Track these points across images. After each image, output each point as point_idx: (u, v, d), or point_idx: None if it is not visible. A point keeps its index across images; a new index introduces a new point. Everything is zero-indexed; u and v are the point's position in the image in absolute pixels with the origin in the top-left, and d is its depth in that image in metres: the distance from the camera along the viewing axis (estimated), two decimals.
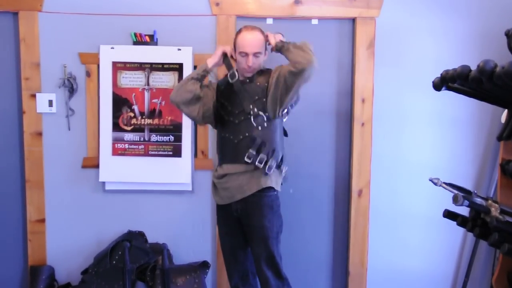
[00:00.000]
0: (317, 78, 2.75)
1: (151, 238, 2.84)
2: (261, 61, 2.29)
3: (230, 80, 2.29)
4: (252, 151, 2.20)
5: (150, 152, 2.79)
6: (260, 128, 2.25)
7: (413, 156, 2.87)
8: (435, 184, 1.86)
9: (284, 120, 2.35)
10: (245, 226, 2.30)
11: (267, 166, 2.20)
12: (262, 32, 2.27)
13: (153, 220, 2.87)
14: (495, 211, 1.78)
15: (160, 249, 2.74)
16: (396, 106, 2.84)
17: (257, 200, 2.25)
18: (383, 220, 2.90)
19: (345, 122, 2.90)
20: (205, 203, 2.88)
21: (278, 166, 2.29)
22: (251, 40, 2.22)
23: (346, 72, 2.87)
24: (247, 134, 2.24)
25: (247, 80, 2.29)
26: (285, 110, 2.28)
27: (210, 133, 2.83)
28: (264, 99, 2.23)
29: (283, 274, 2.29)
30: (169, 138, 2.78)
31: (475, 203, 1.76)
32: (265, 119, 2.25)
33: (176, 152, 2.78)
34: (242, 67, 2.27)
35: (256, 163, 2.19)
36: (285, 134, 2.42)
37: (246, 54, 2.22)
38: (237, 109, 2.27)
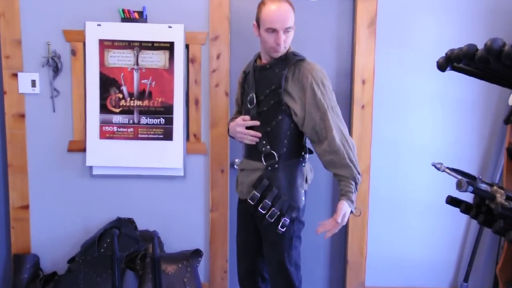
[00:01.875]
0: (315, 59, 2.70)
1: (141, 225, 2.84)
2: (292, 35, 2.06)
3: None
4: (256, 193, 2.07)
5: (139, 135, 2.77)
6: (270, 127, 2.10)
7: (415, 140, 2.86)
8: (438, 169, 1.85)
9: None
10: (258, 226, 2.21)
11: (269, 214, 2.05)
12: (291, 4, 2.03)
13: (143, 207, 2.87)
14: (500, 197, 1.77)
15: (151, 237, 2.74)
16: (398, 87, 2.82)
17: None
18: (383, 206, 2.91)
19: (345, 104, 2.88)
20: (198, 188, 2.87)
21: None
22: (281, 14, 1.97)
23: (346, 52, 2.85)
24: (260, 131, 2.10)
25: (267, 66, 2.10)
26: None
27: (203, 115, 2.82)
28: (280, 90, 2.03)
29: (295, 284, 2.17)
30: (160, 121, 2.77)
31: (480, 189, 1.75)
32: (279, 115, 2.07)
33: (167, 136, 2.77)
34: (269, 46, 2.04)
35: (259, 209, 2.06)
36: (310, 151, 2.24)
37: (275, 31, 2.00)
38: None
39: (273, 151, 2.09)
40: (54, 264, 2.86)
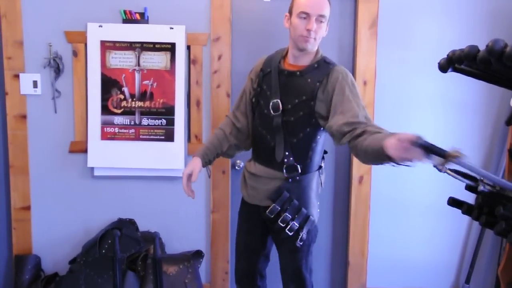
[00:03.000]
0: None
1: (142, 226, 2.84)
2: (324, 31, 1.96)
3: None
4: (277, 206, 2.00)
5: (141, 136, 2.77)
6: (296, 139, 2.00)
7: None
8: (440, 170, 1.76)
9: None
10: (272, 232, 2.15)
11: (289, 227, 1.99)
12: None
13: (144, 208, 2.87)
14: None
15: (152, 238, 2.74)
16: (400, 88, 2.81)
17: None
18: (385, 208, 2.90)
19: None
20: (199, 189, 2.84)
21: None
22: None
23: (347, 53, 2.84)
24: (284, 143, 2.01)
25: (297, 73, 1.99)
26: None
27: (204, 117, 2.81)
28: (312, 103, 1.94)
29: None
30: (161, 122, 2.77)
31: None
32: (307, 127, 1.98)
33: (169, 137, 2.77)
34: (299, 34, 1.92)
35: (278, 222, 2.00)
36: (325, 151, 2.19)
37: (308, 16, 1.88)
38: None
39: (296, 164, 2.02)
40: (55, 265, 2.86)
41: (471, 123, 2.84)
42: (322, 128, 2.01)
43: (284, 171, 2.01)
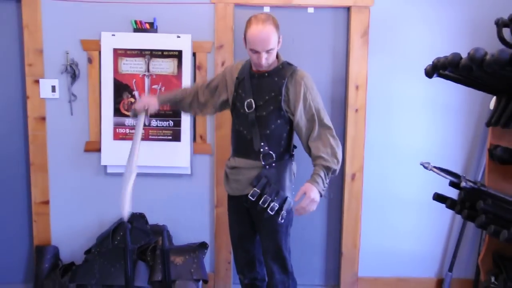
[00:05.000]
0: (312, 66, 2.79)
1: (152, 219, 2.83)
2: (275, 54, 2.11)
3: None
4: (257, 190, 2.09)
5: (150, 137, 2.78)
6: (269, 130, 2.13)
7: (405, 141, 2.85)
8: (426, 168, 1.85)
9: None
10: (254, 217, 2.23)
11: (270, 207, 2.07)
12: (275, 24, 2.03)
13: (153, 202, 2.86)
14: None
15: (160, 230, 2.74)
16: (389, 92, 2.82)
17: None
18: (375, 203, 2.90)
19: (339, 108, 2.88)
20: (204, 186, 2.87)
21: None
22: (262, 38, 1.98)
23: (341, 60, 2.85)
24: (259, 133, 2.13)
25: (266, 74, 2.13)
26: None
27: (208, 118, 2.82)
28: (280, 97, 2.08)
29: (289, 268, 2.24)
30: (169, 123, 2.78)
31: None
32: (277, 119, 2.12)
33: (176, 137, 2.78)
34: (253, 62, 2.11)
35: (259, 204, 2.08)
36: (294, 146, 2.29)
37: (257, 51, 2.03)
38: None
39: (271, 152, 2.13)
40: (72, 255, 2.87)
41: (455, 125, 2.84)
42: (289, 120, 2.13)
43: (262, 159, 2.11)
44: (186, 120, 2.76)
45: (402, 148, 2.86)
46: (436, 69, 1.83)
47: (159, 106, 2.33)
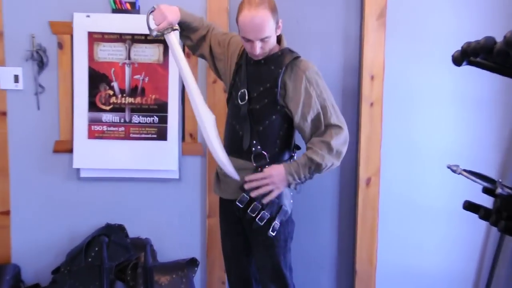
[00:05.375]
0: (319, 52, 2.83)
1: (132, 232, 2.82)
2: (273, 42, 2.09)
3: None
4: (245, 195, 2.11)
5: (131, 135, 2.77)
6: (262, 126, 2.14)
7: (429, 141, 2.85)
8: (454, 171, 1.85)
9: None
10: (247, 229, 2.25)
11: (259, 217, 2.10)
12: (271, 7, 2.01)
13: (134, 212, 2.86)
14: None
15: (143, 245, 2.72)
16: (410, 84, 2.81)
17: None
18: (395, 212, 2.90)
19: (352, 102, 2.89)
20: (194, 192, 2.86)
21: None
22: (255, 25, 1.97)
23: (354, 46, 2.85)
24: (250, 131, 2.15)
25: (262, 61, 2.13)
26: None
27: None
28: (276, 90, 2.09)
29: None
30: (153, 119, 2.77)
31: None
32: (272, 114, 2.13)
33: (161, 135, 2.77)
34: (248, 51, 2.11)
35: (248, 212, 2.10)
36: (297, 147, 2.32)
37: (250, 40, 2.03)
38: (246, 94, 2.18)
39: (264, 152, 2.13)
40: (36, 275, 2.84)
41: (488, 120, 2.83)
42: (287, 116, 2.13)
43: (253, 160, 2.13)
44: (173, 115, 2.75)
45: (425, 149, 2.85)
46: (466, 56, 1.81)
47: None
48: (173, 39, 2.24)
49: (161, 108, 2.74)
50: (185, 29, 2.32)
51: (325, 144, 2.06)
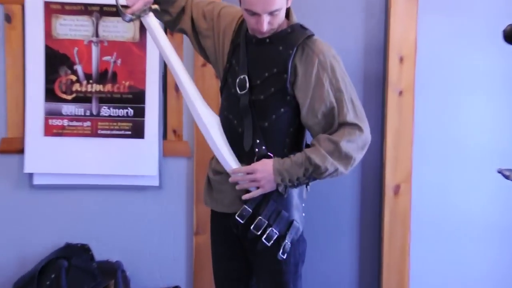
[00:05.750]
0: (335, 29, 2.78)
1: (99, 254, 2.74)
2: (282, 16, 2.00)
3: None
4: (248, 208, 2.01)
5: (99, 132, 2.71)
6: (268, 122, 2.04)
7: (473, 138, 2.82)
8: (507, 177, 1.82)
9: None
10: (247, 251, 2.15)
11: (266, 235, 1.99)
12: None
13: (102, 229, 2.78)
14: None
15: (112, 270, 2.63)
16: (448, 67, 2.78)
17: None
18: (430, 229, 2.84)
19: (376, 90, 2.86)
20: (178, 203, 2.79)
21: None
22: None
23: (377, 21, 2.82)
24: (253, 128, 2.05)
25: (267, 40, 2.03)
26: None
27: (185, 106, 2.72)
28: (285, 75, 2.00)
29: None
30: (127, 112, 2.71)
31: None
32: (281, 106, 2.04)
33: (137, 132, 2.71)
34: (251, 27, 2.01)
35: (251, 229, 1.99)
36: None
37: (257, 13, 1.93)
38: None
39: (270, 153, 2.04)
40: None
41: None
42: (298, 109, 2.07)
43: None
44: (152, 107, 2.70)
45: (469, 148, 2.83)
46: None
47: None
48: (153, 22, 2.14)
49: (137, 98, 2.70)
50: (162, 2, 2.23)
51: (332, 144, 1.96)
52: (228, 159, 2.04)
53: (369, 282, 2.92)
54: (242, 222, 2.00)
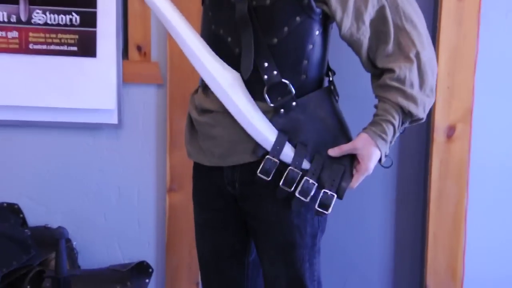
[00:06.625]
0: None
1: (35, 217, 2.44)
2: None
3: None
4: (275, 159, 1.82)
5: (31, 46, 2.33)
6: (278, 38, 1.75)
7: None
8: None
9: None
10: (249, 217, 1.89)
11: (299, 189, 1.73)
12: None
13: (38, 183, 2.45)
14: None
15: (53, 240, 2.23)
16: None
17: None
18: (496, 187, 2.48)
19: None
20: (144, 148, 2.45)
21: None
22: None
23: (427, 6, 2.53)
24: (255, 46, 1.77)
25: None
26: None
27: (154, 13, 2.31)
28: None
29: None
30: (72, 19, 2.32)
31: None
32: (296, 14, 1.75)
33: (86, 48, 2.33)
34: None
35: (280, 186, 1.74)
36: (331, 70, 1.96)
37: None
38: None
39: (285, 80, 1.75)
40: None
41: None
42: (321, 17, 1.78)
43: (266, 96, 1.74)
44: (108, 13, 2.31)
45: None
46: None
47: None
48: None
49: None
50: None
51: (420, 77, 1.72)
52: (264, 131, 1.74)
53: (409, 259, 2.64)
54: (268, 179, 1.73)
